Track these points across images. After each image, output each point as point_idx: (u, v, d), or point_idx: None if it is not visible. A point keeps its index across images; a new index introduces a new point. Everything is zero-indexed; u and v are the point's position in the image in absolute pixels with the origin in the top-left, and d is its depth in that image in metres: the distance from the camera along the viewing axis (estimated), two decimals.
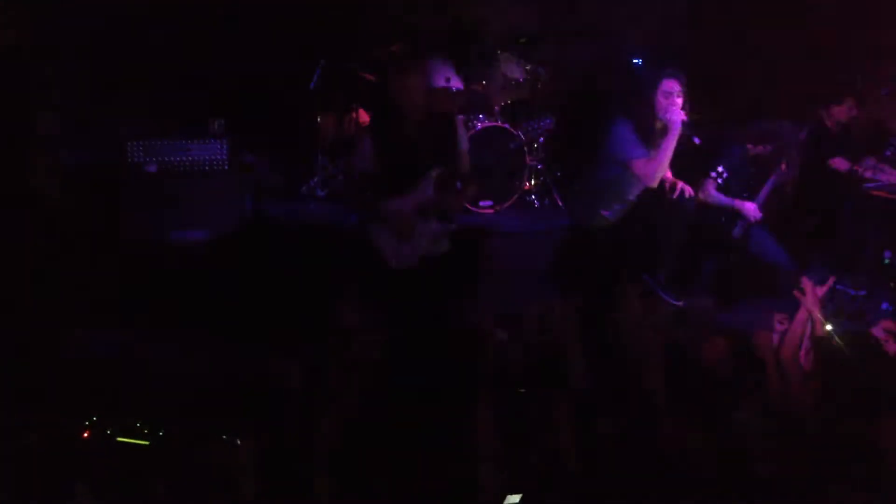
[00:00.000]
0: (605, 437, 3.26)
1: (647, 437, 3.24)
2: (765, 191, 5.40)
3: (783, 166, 5.29)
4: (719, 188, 5.42)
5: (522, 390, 3.73)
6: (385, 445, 3.19)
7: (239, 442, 2.96)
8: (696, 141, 4.90)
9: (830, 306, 4.97)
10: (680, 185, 4.92)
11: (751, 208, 5.38)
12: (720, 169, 5.33)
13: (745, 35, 7.09)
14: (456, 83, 5.95)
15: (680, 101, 4.81)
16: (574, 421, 3.26)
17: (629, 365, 3.92)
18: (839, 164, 5.81)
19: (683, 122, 4.75)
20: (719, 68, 6.82)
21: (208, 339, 4.73)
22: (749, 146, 5.47)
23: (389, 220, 4.39)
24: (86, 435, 3.24)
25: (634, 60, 7.11)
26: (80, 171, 5.72)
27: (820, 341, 3.83)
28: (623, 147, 4.85)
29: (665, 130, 4.82)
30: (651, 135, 4.87)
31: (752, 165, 5.49)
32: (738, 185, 5.50)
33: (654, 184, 4.88)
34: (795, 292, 3.97)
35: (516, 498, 2.88)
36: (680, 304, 5.13)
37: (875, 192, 5.44)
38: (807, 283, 4.05)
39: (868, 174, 5.65)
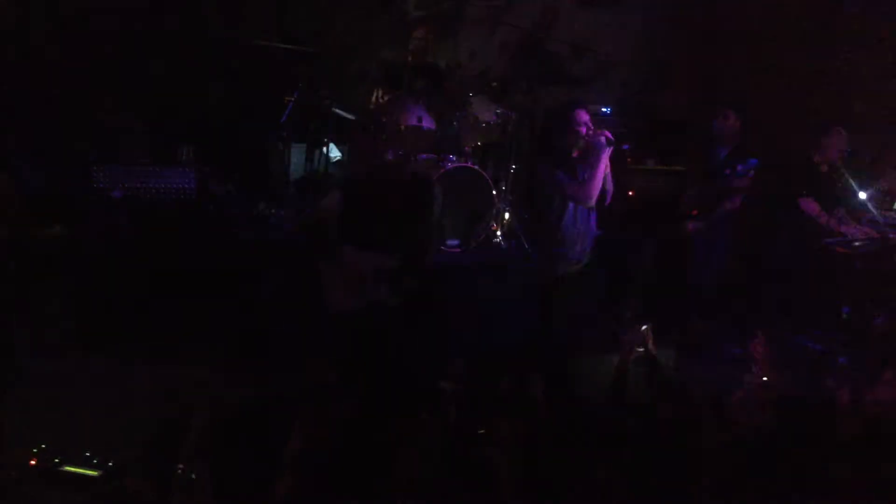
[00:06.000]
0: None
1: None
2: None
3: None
4: None
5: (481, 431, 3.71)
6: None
7: (194, 476, 2.89)
8: (625, 147, 4.98)
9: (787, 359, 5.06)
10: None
11: None
12: None
13: (715, 83, 7.28)
14: (428, 123, 5.99)
15: (591, 127, 4.94)
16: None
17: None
18: (809, 206, 5.77)
19: (608, 139, 4.86)
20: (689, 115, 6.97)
21: (167, 367, 4.65)
22: None
23: (342, 268, 4.34)
24: (33, 463, 3.15)
25: (603, 109, 7.24)
26: (43, 195, 5.65)
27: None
28: (553, 182, 4.93)
29: (589, 154, 4.92)
30: (573, 164, 4.96)
31: None
32: None
33: (592, 204, 4.95)
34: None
35: None
36: (641, 350, 5.16)
37: (836, 248, 5.52)
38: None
39: (832, 224, 5.70)
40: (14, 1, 6.05)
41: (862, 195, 5.70)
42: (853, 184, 5.66)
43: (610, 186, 5.06)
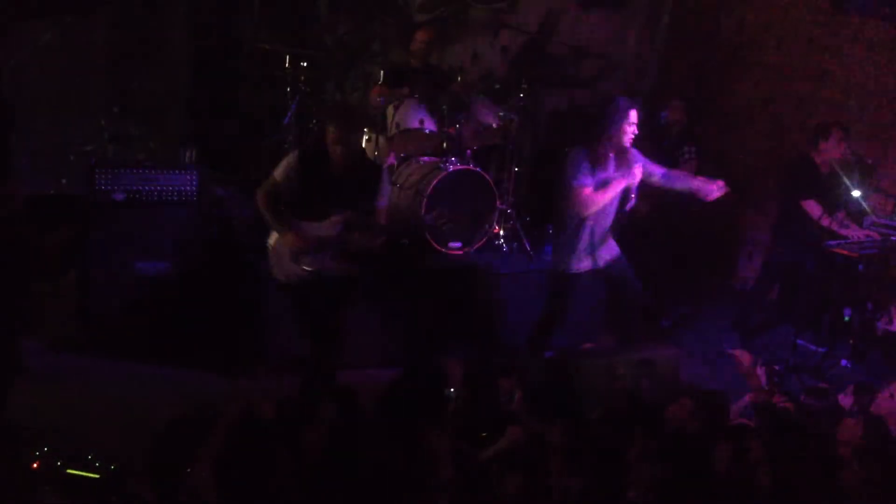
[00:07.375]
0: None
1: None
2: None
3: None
4: None
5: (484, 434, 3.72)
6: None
7: (204, 474, 2.90)
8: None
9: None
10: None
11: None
12: None
13: (714, 88, 7.28)
14: (429, 125, 5.99)
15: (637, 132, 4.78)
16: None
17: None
18: (812, 208, 5.69)
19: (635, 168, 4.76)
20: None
21: (171, 369, 4.66)
22: None
23: (288, 240, 4.38)
24: (35, 466, 3.15)
25: None
26: (46, 198, 5.66)
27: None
28: (574, 170, 4.73)
29: (621, 163, 4.79)
30: (605, 164, 4.79)
31: None
32: None
33: (588, 214, 4.79)
34: None
35: None
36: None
37: (837, 251, 5.49)
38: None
39: (834, 226, 5.62)
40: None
41: (864, 197, 5.68)
42: (855, 185, 5.64)
43: (633, 197, 4.89)
